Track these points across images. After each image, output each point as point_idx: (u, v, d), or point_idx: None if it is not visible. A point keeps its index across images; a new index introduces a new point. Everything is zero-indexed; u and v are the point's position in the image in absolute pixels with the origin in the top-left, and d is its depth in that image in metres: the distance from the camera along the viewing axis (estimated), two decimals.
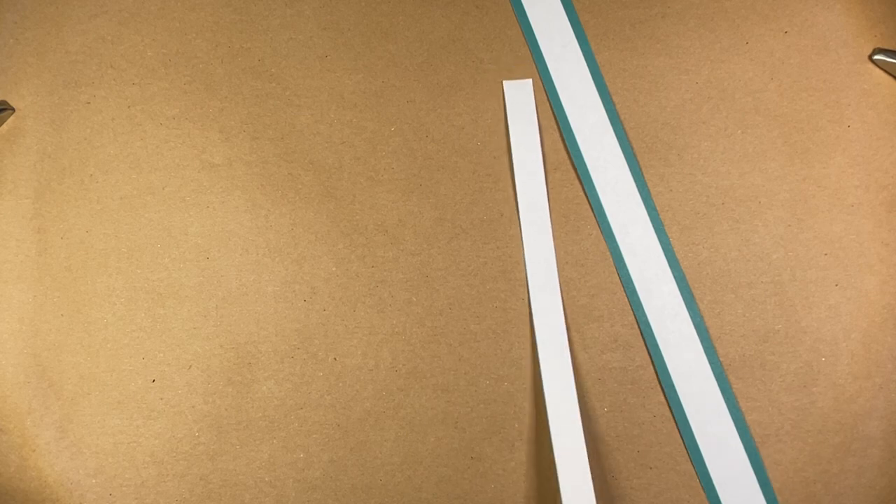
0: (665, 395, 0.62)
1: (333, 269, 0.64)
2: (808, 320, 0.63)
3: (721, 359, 0.63)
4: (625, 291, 0.64)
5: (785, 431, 0.62)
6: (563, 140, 0.66)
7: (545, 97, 0.67)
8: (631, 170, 0.65)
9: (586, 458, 0.58)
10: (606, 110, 0.67)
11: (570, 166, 0.66)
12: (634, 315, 0.63)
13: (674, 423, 0.62)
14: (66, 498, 0.61)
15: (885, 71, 0.66)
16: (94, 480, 0.62)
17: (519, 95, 0.66)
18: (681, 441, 0.62)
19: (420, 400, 0.63)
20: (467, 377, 0.63)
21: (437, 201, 0.66)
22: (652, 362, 0.63)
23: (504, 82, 0.67)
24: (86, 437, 0.62)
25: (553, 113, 0.67)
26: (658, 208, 0.65)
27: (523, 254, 0.64)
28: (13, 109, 0.67)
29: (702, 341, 0.63)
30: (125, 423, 0.62)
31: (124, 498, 0.62)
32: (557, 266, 0.64)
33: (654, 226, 0.65)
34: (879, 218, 0.64)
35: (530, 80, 0.67)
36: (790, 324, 0.63)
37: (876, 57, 0.66)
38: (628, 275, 0.64)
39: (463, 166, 0.66)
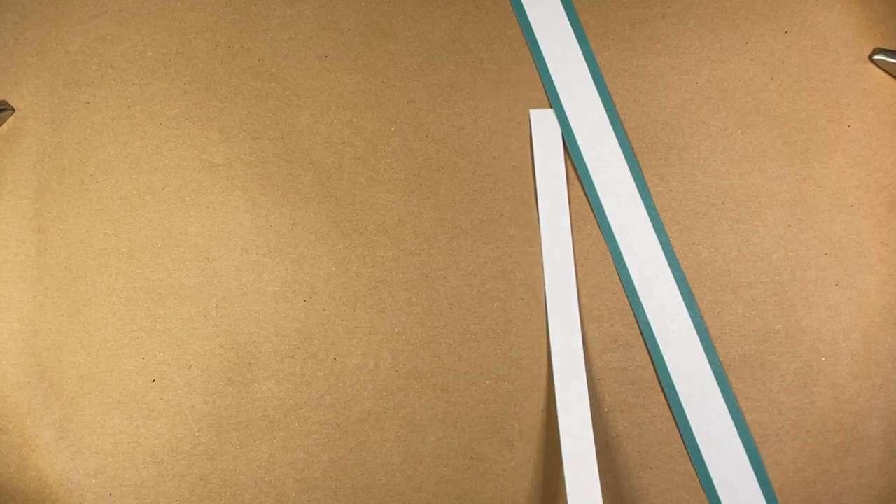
0: (665, 395, 0.62)
1: (333, 269, 0.64)
2: (808, 320, 0.63)
3: (721, 359, 0.63)
4: (625, 291, 0.64)
5: (785, 431, 0.62)
6: (563, 139, 0.66)
7: (545, 97, 0.67)
8: (631, 170, 0.65)
9: (595, 460, 0.58)
10: (606, 110, 0.67)
11: (570, 166, 0.66)
12: (634, 315, 0.63)
13: (674, 423, 0.62)
14: (66, 498, 0.61)
15: (885, 71, 0.66)
16: (94, 480, 0.62)
17: (546, 125, 0.66)
18: (681, 441, 0.62)
19: (420, 400, 0.63)
20: (467, 377, 0.63)
21: (437, 201, 0.66)
22: (652, 362, 0.63)
23: (531, 111, 0.66)
24: (86, 437, 0.62)
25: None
26: (658, 208, 0.65)
27: (544, 274, 0.64)
28: (13, 109, 0.67)
29: (702, 341, 0.63)
30: (125, 423, 0.62)
31: (124, 498, 0.62)
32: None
33: (654, 226, 0.65)
34: (879, 218, 0.64)
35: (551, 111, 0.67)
36: (790, 324, 0.63)
37: (876, 57, 0.66)
38: (628, 275, 0.64)
39: (463, 166, 0.66)
